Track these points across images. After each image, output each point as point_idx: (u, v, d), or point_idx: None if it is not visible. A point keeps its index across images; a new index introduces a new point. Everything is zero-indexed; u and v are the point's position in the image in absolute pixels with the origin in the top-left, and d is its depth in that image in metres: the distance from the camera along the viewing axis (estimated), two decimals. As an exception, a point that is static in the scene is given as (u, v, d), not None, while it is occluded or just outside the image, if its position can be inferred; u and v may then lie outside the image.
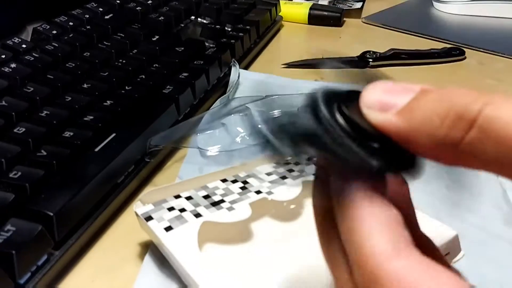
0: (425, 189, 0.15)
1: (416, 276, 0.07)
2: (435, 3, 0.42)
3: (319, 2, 0.40)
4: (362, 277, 0.08)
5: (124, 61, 0.23)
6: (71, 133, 0.18)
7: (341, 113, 0.08)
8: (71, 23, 0.25)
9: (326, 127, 0.08)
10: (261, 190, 0.17)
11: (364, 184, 0.08)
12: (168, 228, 0.14)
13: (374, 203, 0.08)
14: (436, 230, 0.15)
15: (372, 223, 0.08)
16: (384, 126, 0.08)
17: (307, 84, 0.28)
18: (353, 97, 0.09)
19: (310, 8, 0.38)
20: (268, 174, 0.18)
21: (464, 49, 0.33)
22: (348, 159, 0.08)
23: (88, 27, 0.25)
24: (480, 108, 0.07)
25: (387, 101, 0.08)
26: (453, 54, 0.32)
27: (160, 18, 0.28)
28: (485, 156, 0.07)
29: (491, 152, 0.07)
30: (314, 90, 0.09)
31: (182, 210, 0.15)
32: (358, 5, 0.41)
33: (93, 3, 0.28)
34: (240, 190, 0.16)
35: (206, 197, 0.16)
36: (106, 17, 0.27)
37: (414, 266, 0.08)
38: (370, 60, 0.31)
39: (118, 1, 0.29)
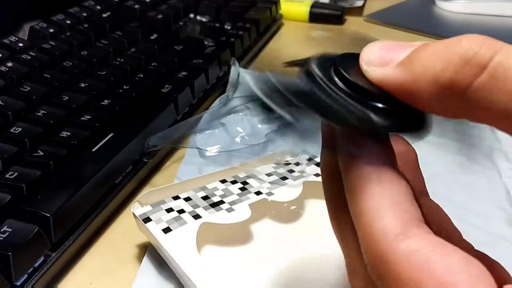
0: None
1: (425, 257, 0.07)
2: (437, 1, 0.42)
3: (320, 0, 0.40)
4: (373, 260, 0.08)
5: (122, 60, 0.23)
6: (68, 133, 0.18)
7: (338, 74, 0.08)
8: (68, 22, 0.25)
9: (324, 89, 0.08)
10: (261, 191, 0.16)
11: (370, 153, 0.08)
12: (167, 230, 0.14)
13: (383, 179, 0.08)
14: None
15: (380, 202, 0.08)
16: (384, 81, 0.08)
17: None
18: (349, 59, 0.08)
19: (311, 6, 0.37)
20: (268, 174, 0.17)
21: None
22: (350, 121, 0.08)
23: (86, 25, 0.25)
24: (492, 54, 0.07)
25: (386, 56, 0.08)
26: (455, 52, 0.32)
27: (158, 16, 0.28)
28: (495, 106, 0.07)
29: (503, 101, 0.07)
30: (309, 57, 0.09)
31: (181, 211, 0.15)
32: (359, 3, 0.40)
33: (91, 1, 0.27)
34: (240, 191, 0.16)
35: (205, 198, 0.16)
36: (104, 15, 0.27)
37: (424, 247, 0.07)
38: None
39: (116, -1, 0.28)
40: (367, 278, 0.08)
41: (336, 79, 0.08)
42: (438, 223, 0.09)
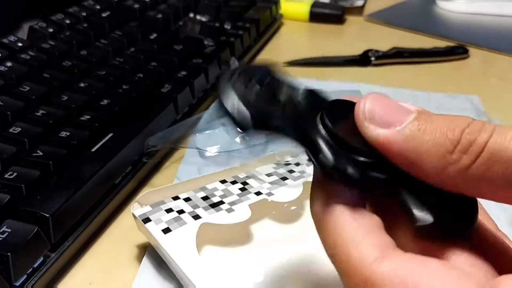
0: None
1: (408, 269, 0.07)
2: (438, 1, 0.42)
3: (320, 0, 0.40)
4: (356, 284, 0.08)
5: (121, 60, 0.23)
6: (68, 133, 0.18)
7: (324, 126, 0.08)
8: (67, 21, 0.25)
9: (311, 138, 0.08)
10: (261, 191, 0.16)
11: (344, 195, 0.08)
12: (166, 230, 0.14)
13: (356, 214, 0.08)
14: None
15: (354, 233, 0.08)
16: (387, 146, 0.08)
17: (307, 83, 0.28)
18: (336, 106, 0.09)
19: (311, 6, 0.37)
20: (268, 175, 0.17)
21: (468, 48, 0.32)
22: (332, 169, 0.08)
23: (85, 25, 0.25)
24: (489, 135, 0.08)
25: (391, 117, 0.08)
26: (457, 52, 0.32)
27: (158, 16, 0.28)
28: (493, 180, 0.08)
29: (500, 175, 0.07)
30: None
31: (181, 211, 0.15)
32: (360, 2, 0.40)
33: (90, 1, 0.27)
34: (240, 191, 0.16)
35: (205, 198, 0.16)
36: (103, 15, 0.27)
37: (404, 261, 0.08)
38: (372, 58, 0.31)
39: (116, -1, 0.28)
40: None
41: (321, 129, 0.08)
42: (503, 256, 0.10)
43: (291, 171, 0.18)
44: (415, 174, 0.08)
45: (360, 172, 0.08)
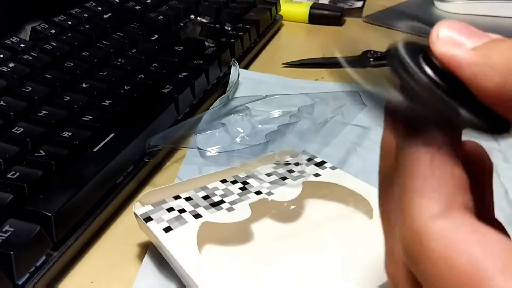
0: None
1: (460, 237, 0.07)
2: (436, 2, 0.42)
3: (320, 1, 0.40)
4: (406, 237, 0.07)
5: (123, 61, 0.23)
6: (70, 133, 0.18)
7: (428, 62, 0.08)
8: (69, 22, 0.25)
9: (410, 74, 0.08)
10: (261, 190, 0.16)
11: (432, 138, 0.07)
12: (168, 229, 0.14)
13: (435, 161, 0.07)
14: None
15: (426, 182, 0.07)
16: (452, 58, 0.07)
17: (307, 83, 0.28)
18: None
19: (311, 7, 0.37)
20: (268, 174, 0.17)
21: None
22: (432, 108, 0.07)
23: (87, 26, 0.25)
24: None
25: (460, 38, 0.08)
26: (454, 53, 0.32)
27: (159, 17, 0.28)
28: None
29: None
30: (394, 45, 0.08)
31: (182, 210, 0.15)
32: (358, 4, 0.40)
33: (92, 2, 0.27)
34: (240, 191, 0.16)
35: (206, 197, 0.16)
36: (105, 16, 0.27)
37: (461, 227, 0.07)
38: (371, 59, 0.31)
39: (117, 0, 0.28)
40: (403, 265, 0.08)
41: (425, 67, 0.08)
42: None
43: (290, 171, 0.18)
44: (476, 90, 0.07)
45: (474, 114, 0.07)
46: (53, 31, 0.24)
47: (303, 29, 0.37)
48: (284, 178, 0.17)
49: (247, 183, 0.17)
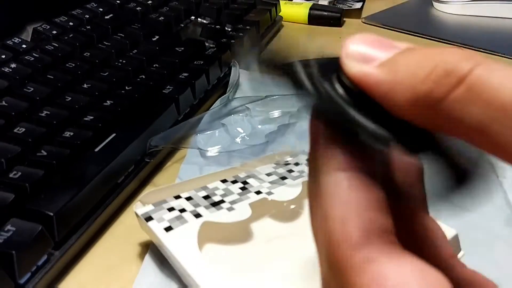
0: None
1: (379, 268, 0.07)
2: (435, 3, 0.42)
3: (319, 2, 0.40)
4: (330, 266, 0.07)
5: (124, 61, 0.23)
6: (71, 133, 0.18)
7: (341, 83, 0.08)
8: (71, 23, 0.25)
9: (330, 99, 0.07)
10: (261, 190, 0.17)
11: (345, 158, 0.07)
12: (168, 229, 0.14)
13: (352, 186, 0.07)
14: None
15: (345, 208, 0.07)
16: (362, 78, 0.07)
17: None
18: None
19: (310, 8, 0.38)
20: (268, 174, 0.18)
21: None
22: (347, 124, 0.07)
23: (88, 27, 0.25)
24: (472, 67, 0.07)
25: (369, 53, 0.08)
26: (453, 54, 0.32)
27: (160, 18, 0.28)
28: (469, 118, 0.07)
29: (477, 114, 0.06)
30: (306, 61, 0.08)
31: (182, 210, 0.15)
32: (358, 5, 0.41)
33: (93, 3, 0.28)
34: (240, 191, 0.16)
35: (206, 197, 0.16)
36: (106, 17, 0.27)
37: (379, 257, 0.07)
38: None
39: (118, 1, 0.29)
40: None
41: (339, 89, 0.08)
42: (432, 242, 0.09)
43: (290, 171, 0.18)
44: (391, 110, 0.07)
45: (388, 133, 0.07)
46: (54, 32, 0.24)
47: (302, 30, 0.37)
48: (284, 178, 0.17)
49: (247, 183, 0.17)
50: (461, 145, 0.07)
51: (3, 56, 0.21)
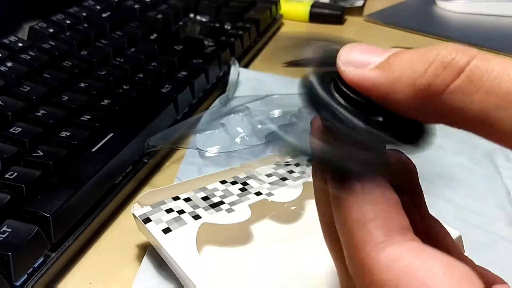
0: (428, 191, 0.14)
1: (406, 263, 0.07)
2: (437, 1, 0.42)
3: (320, 0, 0.40)
4: (355, 269, 0.08)
5: (121, 60, 0.23)
6: (68, 133, 0.18)
7: (337, 89, 0.08)
8: (68, 21, 0.25)
9: (328, 108, 0.08)
10: (261, 191, 0.16)
11: (360, 165, 0.08)
12: (167, 230, 0.14)
13: (366, 188, 0.08)
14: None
15: (363, 210, 0.08)
16: (361, 82, 0.08)
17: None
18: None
19: (311, 6, 0.37)
20: (268, 175, 0.17)
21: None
22: (351, 133, 0.08)
23: (86, 25, 0.25)
24: (469, 58, 0.07)
25: (364, 58, 0.08)
26: (456, 52, 0.32)
27: (158, 16, 0.28)
28: (470, 107, 0.07)
29: (479, 103, 0.07)
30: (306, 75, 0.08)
31: (181, 211, 0.15)
32: (359, 3, 0.40)
33: (91, 1, 0.27)
34: (240, 192, 0.16)
35: (205, 198, 0.16)
36: (104, 15, 0.27)
37: (405, 253, 0.07)
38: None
39: (116, -1, 0.28)
40: None
41: (335, 94, 0.08)
42: (438, 237, 0.09)
43: (291, 172, 0.18)
44: (394, 109, 0.08)
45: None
46: (51, 30, 0.24)
47: (303, 28, 0.37)
48: (284, 179, 0.17)
49: (247, 183, 0.17)
50: None
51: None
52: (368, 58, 0.08)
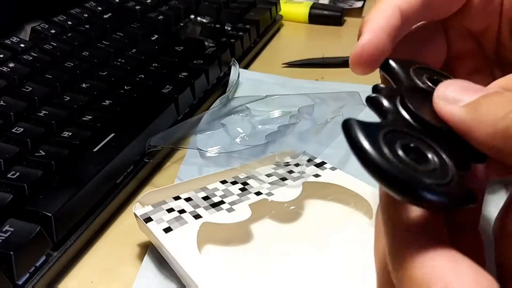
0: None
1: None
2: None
3: (320, 1, 0.40)
4: (393, 271, 0.08)
5: (123, 61, 0.23)
6: (70, 133, 0.18)
7: (406, 108, 0.09)
8: (69, 22, 0.25)
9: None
10: (261, 191, 0.16)
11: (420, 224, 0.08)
12: (167, 229, 0.14)
13: (451, 253, 0.08)
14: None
15: (459, 278, 0.07)
16: (448, 116, 0.09)
17: (307, 83, 0.28)
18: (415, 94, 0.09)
19: (311, 7, 0.37)
20: (268, 175, 0.18)
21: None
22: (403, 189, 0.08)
23: (87, 26, 0.25)
24: None
25: (458, 95, 0.09)
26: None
27: (159, 17, 0.28)
28: None
29: None
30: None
31: (182, 211, 0.15)
32: (359, 4, 0.40)
33: (92, 2, 0.27)
34: (240, 191, 0.16)
35: (206, 198, 0.16)
36: (105, 16, 0.27)
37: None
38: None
39: (117, 0, 0.28)
40: None
41: (406, 115, 0.09)
42: (477, 255, 0.09)
43: (290, 172, 0.18)
44: (474, 144, 0.09)
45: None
46: (53, 31, 0.24)
47: (303, 29, 0.37)
48: (284, 179, 0.17)
49: (247, 183, 0.17)
50: None
51: (1, 56, 0.21)
52: (462, 95, 0.09)
